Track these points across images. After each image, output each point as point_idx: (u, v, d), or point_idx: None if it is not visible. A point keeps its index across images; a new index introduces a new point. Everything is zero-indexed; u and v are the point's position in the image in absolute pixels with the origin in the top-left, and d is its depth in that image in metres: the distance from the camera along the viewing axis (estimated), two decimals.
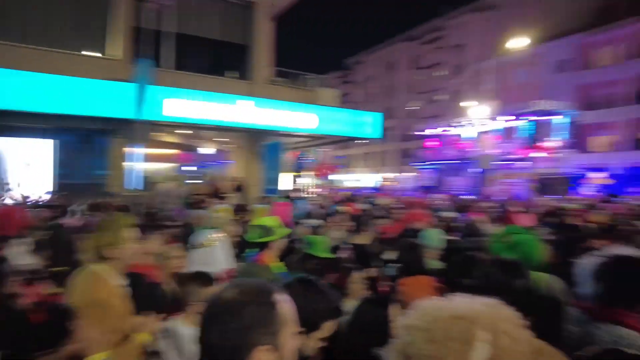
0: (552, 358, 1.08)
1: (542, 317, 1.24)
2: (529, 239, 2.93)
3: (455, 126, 27.97)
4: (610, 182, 23.24)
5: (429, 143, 30.79)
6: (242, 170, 12.61)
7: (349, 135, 13.06)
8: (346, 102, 57.28)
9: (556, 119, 24.74)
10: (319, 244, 3.86)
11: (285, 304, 1.16)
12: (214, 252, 3.85)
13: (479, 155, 20.48)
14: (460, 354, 0.85)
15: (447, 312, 0.91)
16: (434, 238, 5.18)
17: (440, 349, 0.86)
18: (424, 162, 30.27)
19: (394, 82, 50.14)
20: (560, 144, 25.04)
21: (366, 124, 12.83)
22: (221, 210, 5.74)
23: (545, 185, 20.22)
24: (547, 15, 36.45)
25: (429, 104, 45.50)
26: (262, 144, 7.57)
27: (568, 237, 4.67)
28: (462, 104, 35.85)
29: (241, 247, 4.52)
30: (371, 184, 36.09)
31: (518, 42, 24.29)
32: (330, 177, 53.70)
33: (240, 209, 7.24)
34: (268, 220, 3.80)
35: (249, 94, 11.70)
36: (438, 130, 30.45)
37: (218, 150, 15.69)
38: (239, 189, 9.55)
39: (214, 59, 14.00)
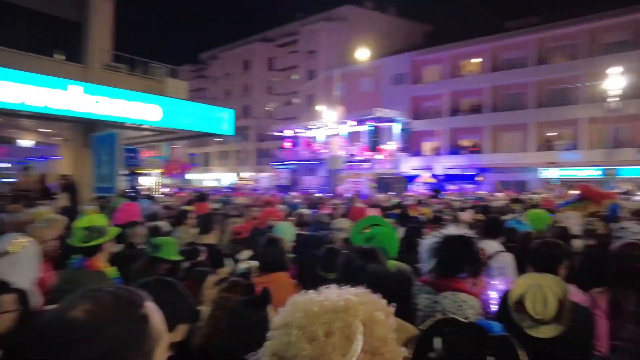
0: (406, 333, 1.14)
1: (395, 296, 1.31)
2: (385, 230, 3.18)
3: (308, 128, 29.25)
4: (434, 181, 27.16)
5: (285, 144, 31.60)
6: (72, 167, 10.99)
7: (200, 131, 12.34)
8: (201, 97, 55.22)
9: (393, 126, 27.87)
10: (168, 246, 3.51)
11: (157, 314, 0.93)
12: (18, 260, 3.21)
13: (329, 156, 21.77)
14: (342, 349, 0.82)
15: (323, 306, 0.86)
16: (287, 232, 5.24)
17: (322, 347, 0.82)
18: (280, 162, 30.96)
19: (250, 81, 50.10)
20: (396, 147, 28.31)
21: (218, 119, 12.30)
22: (40, 213, 4.89)
23: (385, 184, 22.59)
24: (387, 32, 40.85)
25: (286, 106, 46.73)
26: (94, 136, 6.55)
27: (410, 227, 5.15)
28: (315, 107, 37.71)
29: (66, 252, 3.89)
30: (229, 184, 35.37)
31: (362, 54, 26.61)
32: (188, 176, 51.42)
33: (68, 211, 6.24)
34: (97, 220, 3.39)
35: (82, 79, 10.20)
36: (292, 132, 31.46)
37: (43, 143, 13.39)
38: (67, 188, 8.20)
39: (39, 35, 11.88)
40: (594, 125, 27.56)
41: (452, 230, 2.45)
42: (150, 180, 19.34)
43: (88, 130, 9.59)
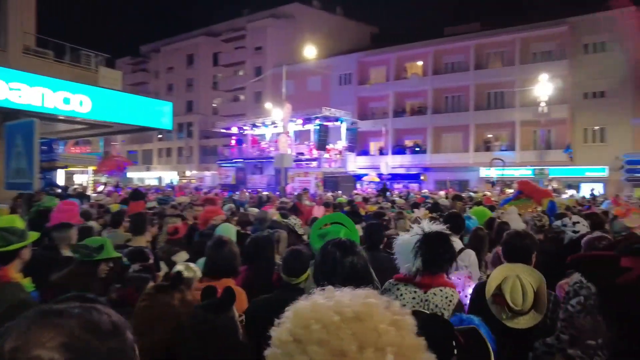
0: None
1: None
2: (339, 229, 3.14)
3: (256, 126, 28.65)
4: (377, 180, 27.62)
5: (231, 141, 30.76)
6: None
7: (136, 125, 11.46)
8: (142, 92, 52.51)
9: (340, 125, 28.00)
10: (108, 245, 3.10)
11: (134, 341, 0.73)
12: None
13: (277, 154, 21.37)
14: None
15: (344, 314, 0.70)
16: (231, 232, 4.89)
17: None
18: (226, 159, 30.08)
19: (194, 76, 48.34)
20: (343, 147, 28.46)
21: (157, 113, 11.51)
22: None
23: (333, 182, 22.57)
24: (335, 32, 41.06)
25: (232, 102, 45.56)
26: (7, 125, 5.71)
27: (370, 224, 4.99)
28: (262, 105, 37.07)
29: None
30: (169, 182, 33.84)
31: (310, 52, 26.48)
32: (130, 174, 48.75)
33: None
34: (11, 221, 3.02)
35: None
36: (238, 130, 30.65)
37: None
38: None
39: None
40: (527, 127, 29.30)
41: (426, 226, 2.38)
42: (83, 178, 17.94)
43: (3, 121, 8.54)
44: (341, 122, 26.89)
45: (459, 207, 9.18)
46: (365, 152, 35.36)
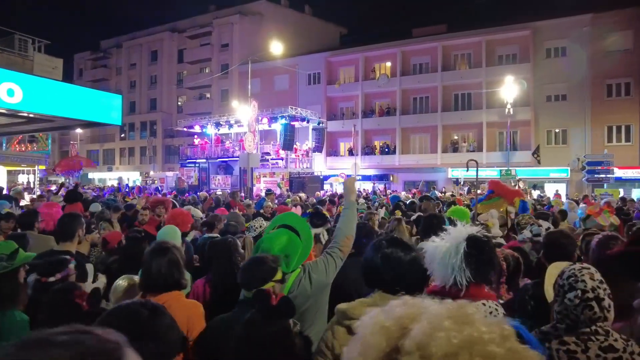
0: None
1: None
2: (274, 236, 2.72)
3: (220, 125, 27.69)
4: (342, 180, 27.18)
5: (195, 140, 29.66)
6: None
7: (79, 119, 10.41)
8: (103, 88, 50.37)
9: (307, 125, 27.46)
10: (20, 250, 2.62)
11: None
12: None
13: (243, 154, 20.58)
14: None
15: (482, 333, 0.66)
16: (175, 236, 4.26)
17: None
18: (189, 159, 28.95)
19: (159, 73, 46.65)
20: (310, 147, 27.90)
21: (104, 106, 10.51)
22: None
23: (299, 183, 21.95)
24: (303, 31, 40.56)
25: (197, 100, 44.18)
26: None
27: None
28: (229, 103, 36.07)
29: None
30: (126, 183, 32.28)
31: (277, 51, 25.85)
32: (91, 175, 46.56)
33: None
34: None
35: None
36: (200, 128, 29.56)
37: None
38: None
39: None
40: (493, 129, 29.65)
41: (463, 230, 2.09)
42: (28, 178, 16.61)
43: None
44: (308, 122, 26.32)
45: (431, 208, 8.82)
46: (335, 153, 34.95)
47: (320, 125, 28.36)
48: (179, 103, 46.29)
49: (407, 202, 10.84)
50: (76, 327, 0.62)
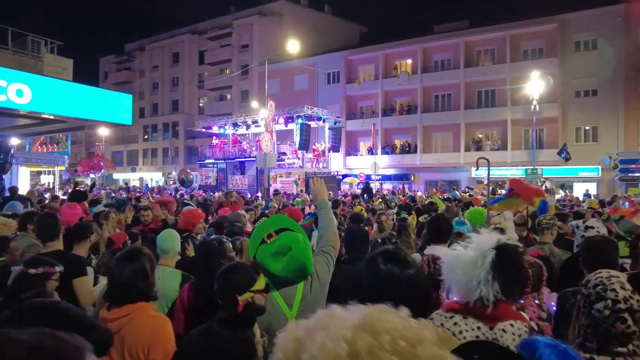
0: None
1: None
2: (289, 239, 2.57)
3: (239, 125, 27.69)
4: (356, 181, 26.73)
5: (213, 141, 29.80)
6: None
7: (90, 119, 10.37)
8: (127, 90, 51.36)
9: (323, 125, 27.13)
10: None
11: None
12: None
13: (260, 154, 20.43)
14: None
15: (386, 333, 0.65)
16: (170, 243, 4.04)
17: None
18: (208, 159, 29.09)
19: (180, 75, 47.23)
20: (327, 146, 27.49)
21: (115, 106, 10.45)
22: None
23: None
24: (322, 31, 40.30)
25: (218, 101, 44.51)
26: None
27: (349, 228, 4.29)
28: (248, 103, 36.14)
29: None
30: (154, 183, 32.74)
31: (296, 49, 25.63)
32: (116, 175, 47.62)
33: None
34: None
35: None
36: (219, 129, 29.66)
37: None
38: None
39: None
40: (518, 127, 28.63)
41: (490, 238, 1.81)
42: (50, 179, 16.87)
43: None
44: (324, 122, 25.99)
45: (452, 210, 8.36)
46: (354, 153, 34.51)
47: (337, 124, 27.98)
48: (200, 104, 46.74)
49: (425, 203, 10.41)
50: (43, 330, 0.63)
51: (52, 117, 9.33)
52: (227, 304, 1.99)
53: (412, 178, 32.17)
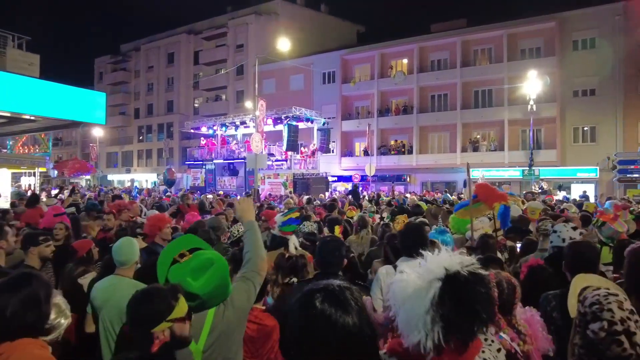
0: None
1: None
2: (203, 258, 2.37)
3: (227, 126, 27.22)
4: (347, 186, 26.25)
5: (202, 141, 29.35)
6: None
7: (59, 118, 9.86)
8: (122, 91, 50.99)
9: (315, 125, 26.67)
10: None
11: None
12: None
13: (250, 154, 19.97)
14: None
15: None
16: (127, 251, 3.63)
17: None
18: (196, 161, 28.62)
19: (175, 75, 46.79)
20: (316, 147, 27.00)
21: (87, 104, 9.95)
22: None
23: (304, 184, 21.17)
24: (319, 30, 39.86)
25: (214, 102, 44.05)
26: None
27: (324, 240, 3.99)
28: (243, 104, 35.72)
29: None
30: (149, 185, 32.30)
31: (292, 50, 25.18)
32: (110, 177, 47.17)
33: None
34: None
35: None
36: (207, 129, 29.20)
37: None
38: None
39: None
40: (516, 127, 28.14)
41: (442, 260, 1.43)
42: (30, 180, 16.41)
43: None
44: (312, 122, 25.53)
45: (435, 213, 7.89)
46: (350, 153, 34.03)
47: (326, 125, 27.52)
48: (196, 105, 46.31)
49: (414, 205, 9.92)
50: None
51: (18, 116, 8.85)
52: (141, 341, 1.74)
53: (409, 179, 31.69)
